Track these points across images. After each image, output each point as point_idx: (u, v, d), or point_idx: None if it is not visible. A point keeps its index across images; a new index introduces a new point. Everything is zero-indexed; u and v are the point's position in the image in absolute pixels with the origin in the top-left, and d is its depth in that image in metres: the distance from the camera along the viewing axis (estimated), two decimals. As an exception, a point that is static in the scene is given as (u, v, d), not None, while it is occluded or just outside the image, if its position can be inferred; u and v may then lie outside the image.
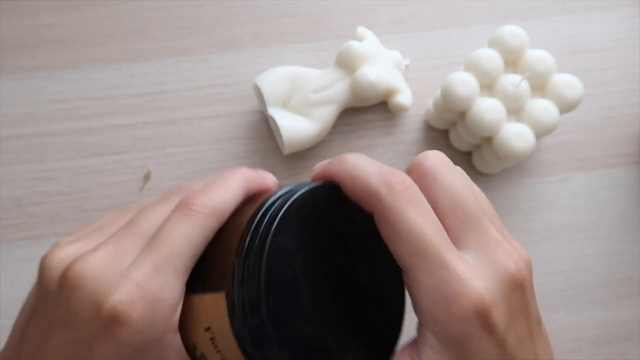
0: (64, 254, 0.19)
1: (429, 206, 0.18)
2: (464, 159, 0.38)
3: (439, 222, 0.18)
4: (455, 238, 0.18)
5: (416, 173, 0.19)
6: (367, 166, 0.19)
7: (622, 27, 0.40)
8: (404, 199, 0.17)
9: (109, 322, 0.17)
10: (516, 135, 0.31)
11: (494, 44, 0.33)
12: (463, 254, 0.18)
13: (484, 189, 0.37)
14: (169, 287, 0.18)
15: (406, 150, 0.38)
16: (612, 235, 0.37)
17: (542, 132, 0.32)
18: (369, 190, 0.18)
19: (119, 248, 0.19)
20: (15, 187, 0.36)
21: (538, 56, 0.32)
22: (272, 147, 0.37)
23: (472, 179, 0.36)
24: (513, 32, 0.32)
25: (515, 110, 0.32)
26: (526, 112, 0.32)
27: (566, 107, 0.32)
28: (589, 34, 0.40)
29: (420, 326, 0.18)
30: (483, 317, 0.16)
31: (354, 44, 0.35)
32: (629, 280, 0.36)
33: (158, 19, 0.39)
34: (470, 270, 0.17)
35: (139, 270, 0.18)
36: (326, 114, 0.35)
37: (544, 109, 0.32)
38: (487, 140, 0.34)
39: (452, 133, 0.37)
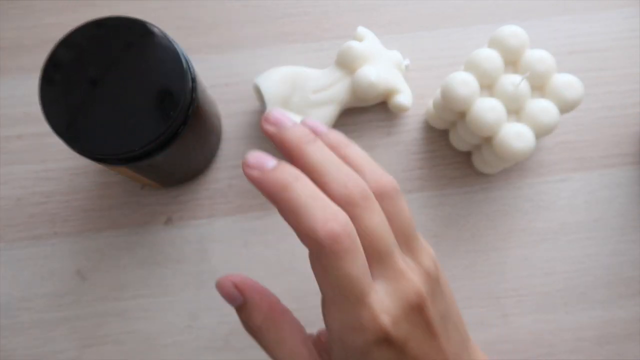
0: None
1: (361, 250, 0.20)
2: (464, 159, 0.38)
3: (365, 263, 0.20)
4: (370, 267, 0.21)
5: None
6: (314, 206, 0.20)
7: (622, 27, 0.40)
8: (343, 250, 0.19)
9: None
10: (516, 135, 0.31)
11: (494, 44, 0.33)
12: (374, 283, 0.20)
13: (484, 189, 0.37)
14: None
15: (406, 150, 0.38)
16: (612, 235, 0.37)
17: (542, 132, 0.32)
18: (311, 236, 0.19)
19: None
20: (15, 187, 0.36)
21: (538, 56, 0.32)
22: (273, 147, 0.37)
23: (472, 179, 0.37)
24: (513, 32, 0.32)
25: (515, 110, 0.32)
26: (526, 112, 0.32)
27: (566, 107, 0.32)
28: (589, 34, 0.40)
29: (329, 333, 0.21)
30: (384, 339, 0.20)
31: (354, 44, 0.35)
32: (629, 280, 0.36)
33: (158, 20, 0.39)
34: (379, 303, 0.20)
35: None
36: (326, 114, 0.35)
37: (544, 109, 0.32)
38: (487, 140, 0.34)
39: (452, 133, 0.37)
